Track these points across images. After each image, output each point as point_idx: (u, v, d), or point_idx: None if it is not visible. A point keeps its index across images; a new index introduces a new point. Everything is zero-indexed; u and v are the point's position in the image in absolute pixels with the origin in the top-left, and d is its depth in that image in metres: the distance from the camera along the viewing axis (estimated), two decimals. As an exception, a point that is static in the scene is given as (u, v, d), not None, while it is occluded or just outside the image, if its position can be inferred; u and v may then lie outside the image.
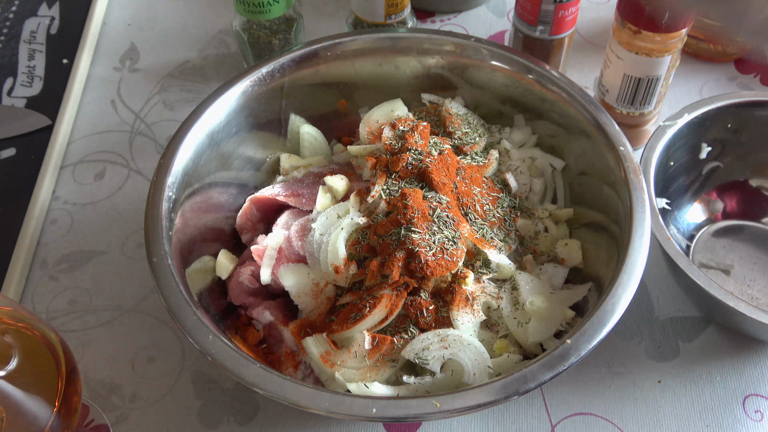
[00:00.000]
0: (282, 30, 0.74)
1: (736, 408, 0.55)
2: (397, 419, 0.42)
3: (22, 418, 0.40)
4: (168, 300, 0.47)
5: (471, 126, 0.63)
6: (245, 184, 0.63)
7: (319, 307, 0.53)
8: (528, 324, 0.52)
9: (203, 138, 0.57)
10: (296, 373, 0.51)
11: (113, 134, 0.75)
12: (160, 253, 0.49)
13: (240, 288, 0.56)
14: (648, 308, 0.61)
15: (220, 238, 0.60)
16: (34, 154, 0.72)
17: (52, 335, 0.45)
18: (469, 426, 0.55)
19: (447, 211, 0.53)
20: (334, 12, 0.88)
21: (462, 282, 0.52)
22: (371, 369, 0.49)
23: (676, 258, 0.53)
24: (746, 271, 0.62)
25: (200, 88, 0.79)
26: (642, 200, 0.51)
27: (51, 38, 0.83)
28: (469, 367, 0.48)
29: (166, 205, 0.52)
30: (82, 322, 0.61)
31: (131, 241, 0.66)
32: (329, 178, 0.58)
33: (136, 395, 0.56)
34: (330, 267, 0.52)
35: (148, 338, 0.60)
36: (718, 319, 0.59)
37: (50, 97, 0.77)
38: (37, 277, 0.64)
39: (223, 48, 0.83)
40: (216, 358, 0.44)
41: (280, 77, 0.62)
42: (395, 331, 0.50)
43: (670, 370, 0.57)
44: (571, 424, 0.55)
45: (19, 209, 0.67)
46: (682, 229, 0.64)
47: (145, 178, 0.71)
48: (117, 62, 0.82)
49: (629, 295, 0.47)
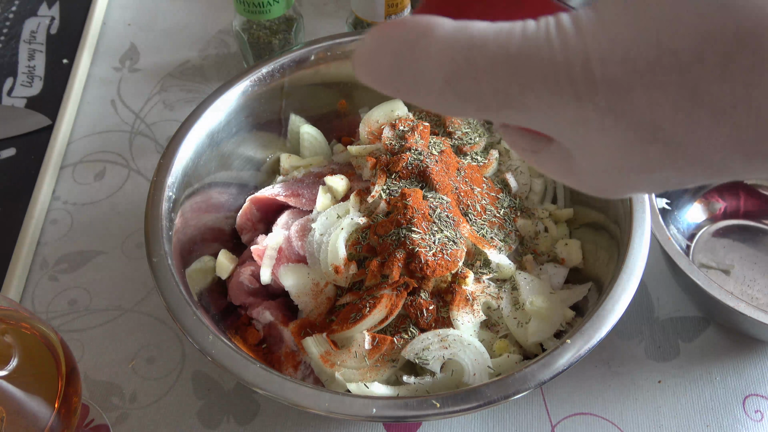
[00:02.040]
0: (282, 30, 0.74)
1: (736, 408, 0.55)
2: (397, 419, 0.42)
3: (22, 418, 0.40)
4: (168, 300, 0.47)
5: (471, 126, 0.63)
6: (245, 184, 0.63)
7: (319, 307, 0.53)
8: (528, 324, 0.52)
9: (203, 138, 0.57)
10: (296, 373, 0.51)
11: (113, 134, 0.75)
12: (160, 253, 0.49)
13: (240, 288, 0.56)
14: (648, 308, 0.61)
15: (220, 238, 0.60)
16: (34, 154, 0.72)
17: (52, 335, 0.45)
18: (469, 426, 0.55)
19: (447, 211, 0.53)
20: (334, 12, 0.88)
21: (462, 282, 0.52)
22: (371, 369, 0.49)
23: (676, 258, 0.53)
24: (746, 271, 0.62)
25: (200, 88, 0.79)
26: (642, 200, 0.51)
27: (51, 38, 0.83)
28: (469, 367, 0.48)
29: (166, 205, 0.52)
30: (82, 322, 0.61)
31: (131, 241, 0.66)
32: (329, 178, 0.58)
33: (136, 395, 0.56)
34: (330, 267, 0.52)
35: (148, 338, 0.60)
36: (718, 319, 0.59)
37: (50, 97, 0.77)
38: (37, 277, 0.64)
39: (223, 48, 0.83)
40: (216, 358, 0.44)
41: (280, 77, 0.62)
42: (395, 331, 0.50)
43: (670, 370, 0.57)
44: (571, 424, 0.55)
45: (19, 209, 0.67)
46: (682, 229, 0.64)
47: (145, 178, 0.71)
48: (117, 62, 0.82)
49: (629, 295, 0.47)
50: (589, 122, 0.22)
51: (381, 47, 0.24)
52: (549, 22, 0.22)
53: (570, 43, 0.21)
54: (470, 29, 0.23)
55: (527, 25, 0.22)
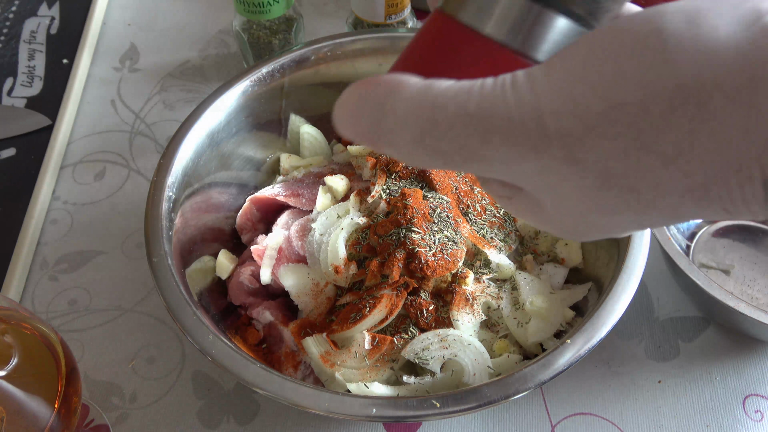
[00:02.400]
0: (282, 30, 0.74)
1: (736, 408, 0.55)
2: (397, 419, 0.42)
3: (22, 418, 0.40)
4: (168, 300, 0.47)
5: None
6: (245, 184, 0.63)
7: (319, 307, 0.53)
8: (528, 324, 0.52)
9: (203, 138, 0.57)
10: (296, 373, 0.51)
11: (113, 134, 0.75)
12: (160, 253, 0.49)
13: (240, 288, 0.56)
14: (648, 308, 0.61)
15: (220, 238, 0.60)
16: (34, 154, 0.72)
17: (52, 335, 0.45)
18: (469, 426, 0.55)
19: (447, 211, 0.53)
20: (334, 12, 0.88)
21: (462, 282, 0.52)
22: (371, 369, 0.49)
23: (676, 258, 0.53)
24: (746, 271, 0.62)
25: (200, 88, 0.79)
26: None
27: (51, 38, 0.83)
28: (469, 367, 0.48)
29: (166, 205, 0.52)
30: (82, 322, 0.61)
31: (131, 241, 0.66)
32: (329, 178, 0.58)
33: (136, 395, 0.56)
34: (330, 267, 0.52)
35: (148, 338, 0.60)
36: (718, 319, 0.59)
37: (50, 97, 0.77)
38: (37, 277, 0.64)
39: (223, 48, 0.83)
40: (216, 358, 0.44)
41: (280, 77, 0.62)
42: (395, 331, 0.50)
43: (670, 370, 0.57)
44: (571, 424, 0.55)
45: (19, 209, 0.67)
46: (682, 229, 0.64)
47: (145, 178, 0.71)
48: (117, 62, 0.82)
49: (629, 295, 0.47)
50: (549, 171, 0.24)
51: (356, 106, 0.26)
52: (505, 79, 0.23)
53: (524, 99, 0.23)
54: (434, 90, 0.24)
55: (485, 83, 0.24)
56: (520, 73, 0.23)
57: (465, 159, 0.24)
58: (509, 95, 0.23)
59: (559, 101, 0.22)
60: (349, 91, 0.26)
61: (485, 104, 0.23)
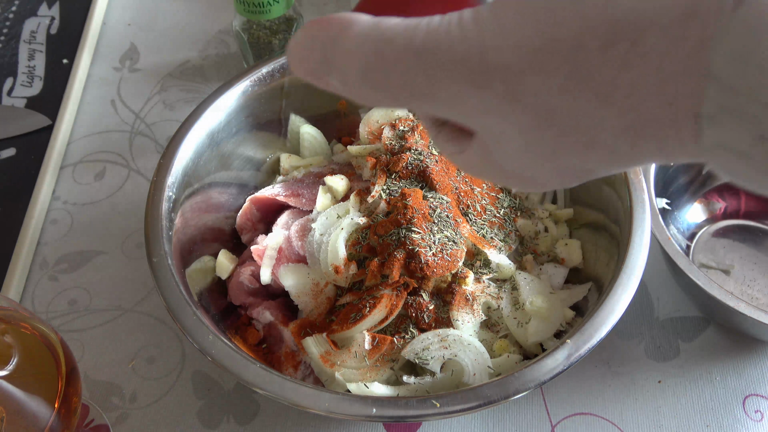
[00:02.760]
0: (282, 30, 0.74)
1: (736, 408, 0.55)
2: (397, 419, 0.42)
3: (22, 418, 0.40)
4: (168, 300, 0.47)
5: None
6: (245, 184, 0.63)
7: (319, 307, 0.53)
8: (528, 324, 0.52)
9: (203, 138, 0.57)
10: (296, 373, 0.51)
11: (113, 134, 0.75)
12: (160, 253, 0.49)
13: (240, 288, 0.56)
14: (648, 308, 0.61)
15: (220, 238, 0.60)
16: (34, 154, 0.72)
17: (52, 335, 0.45)
18: (469, 426, 0.55)
19: (447, 211, 0.53)
20: (334, 12, 0.87)
21: (462, 282, 0.52)
22: (371, 369, 0.49)
23: (676, 258, 0.53)
24: (746, 271, 0.62)
25: (200, 88, 0.79)
26: (642, 200, 0.51)
27: (51, 38, 0.83)
28: (469, 367, 0.48)
29: (166, 205, 0.52)
30: (82, 322, 0.61)
31: (131, 241, 0.66)
32: (329, 178, 0.58)
33: (136, 395, 0.56)
34: (330, 267, 0.52)
35: (148, 338, 0.60)
36: (718, 319, 0.59)
37: (50, 97, 0.77)
38: (37, 277, 0.64)
39: (223, 48, 0.83)
40: (216, 358, 0.44)
41: (280, 77, 0.62)
42: (395, 331, 0.50)
43: (670, 370, 0.57)
44: (571, 424, 0.55)
45: (19, 209, 0.67)
46: (682, 229, 0.64)
47: (145, 178, 0.71)
48: (117, 62, 0.82)
49: (629, 295, 0.47)
50: (492, 109, 0.24)
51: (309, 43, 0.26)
52: (452, 17, 0.24)
53: (469, 35, 0.23)
54: (382, 25, 0.25)
55: (432, 20, 0.24)
56: (467, 11, 0.24)
57: (411, 95, 0.25)
58: (454, 31, 0.23)
59: (501, 37, 0.23)
60: (303, 29, 0.27)
61: (431, 40, 0.24)
